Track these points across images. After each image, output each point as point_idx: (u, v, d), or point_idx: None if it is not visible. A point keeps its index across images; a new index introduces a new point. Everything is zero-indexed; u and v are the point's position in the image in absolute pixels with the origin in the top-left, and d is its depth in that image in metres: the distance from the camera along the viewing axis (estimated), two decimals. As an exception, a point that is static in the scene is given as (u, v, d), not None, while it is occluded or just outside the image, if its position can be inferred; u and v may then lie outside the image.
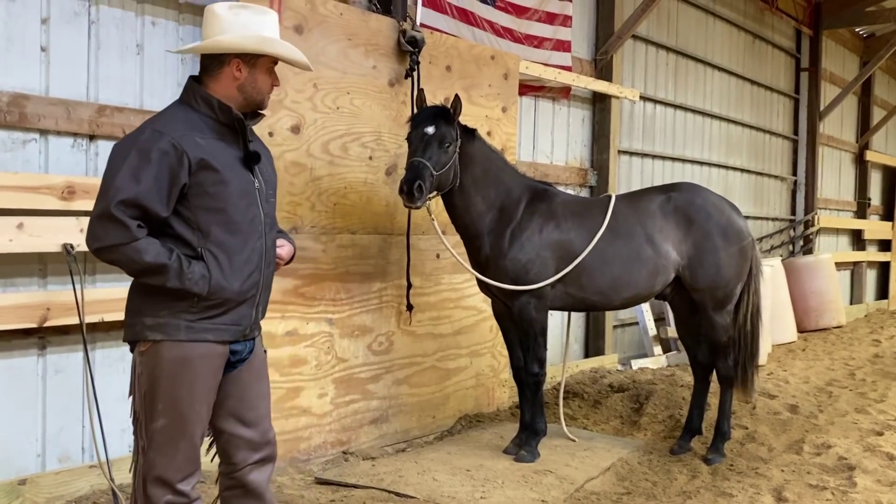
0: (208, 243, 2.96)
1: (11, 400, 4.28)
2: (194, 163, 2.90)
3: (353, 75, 5.56)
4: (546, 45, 7.75)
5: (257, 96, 3.11)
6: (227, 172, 2.98)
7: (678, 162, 10.40)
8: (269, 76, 3.12)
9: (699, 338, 5.90)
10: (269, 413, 3.30)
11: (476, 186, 5.24)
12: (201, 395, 3.01)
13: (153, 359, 2.97)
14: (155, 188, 2.84)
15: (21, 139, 4.23)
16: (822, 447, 5.90)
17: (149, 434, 2.98)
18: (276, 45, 3.09)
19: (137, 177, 2.82)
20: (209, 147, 2.96)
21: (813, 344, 10.92)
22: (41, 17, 4.30)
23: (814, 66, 13.54)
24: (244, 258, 3.02)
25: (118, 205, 2.79)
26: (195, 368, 2.97)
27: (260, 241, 3.08)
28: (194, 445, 3.04)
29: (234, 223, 2.99)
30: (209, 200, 2.95)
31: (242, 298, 3.04)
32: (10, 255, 4.15)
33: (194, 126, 2.97)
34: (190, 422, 2.99)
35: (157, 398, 2.97)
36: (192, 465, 3.04)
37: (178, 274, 2.88)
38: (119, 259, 2.87)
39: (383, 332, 5.88)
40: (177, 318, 2.95)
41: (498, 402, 6.88)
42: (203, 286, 2.92)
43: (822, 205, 14.19)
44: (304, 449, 5.35)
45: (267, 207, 3.14)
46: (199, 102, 3.04)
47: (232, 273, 2.98)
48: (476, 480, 4.99)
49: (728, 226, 5.65)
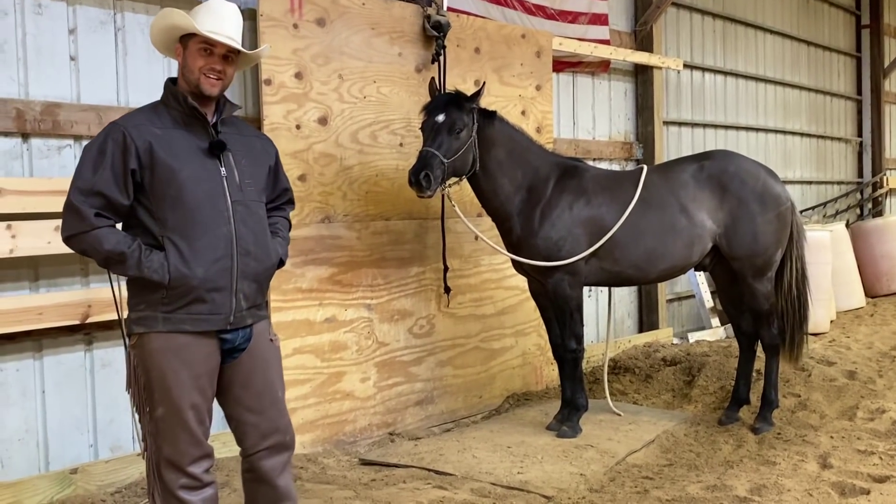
0: (167, 231, 3.05)
1: (63, 394, 4.51)
2: (142, 150, 3.02)
3: (379, 63, 5.64)
4: (581, 19, 7.69)
5: (189, 75, 3.16)
6: (181, 160, 3.07)
7: (731, 130, 10.19)
8: (199, 55, 3.14)
9: (741, 307, 5.82)
10: (278, 400, 3.33)
11: (501, 169, 5.27)
12: (189, 384, 3.08)
13: (141, 351, 3.09)
14: (111, 176, 3.00)
15: (56, 146, 4.45)
16: (877, 412, 5.78)
17: (153, 422, 3.10)
18: (181, 19, 3.12)
19: (95, 167, 3.01)
20: (165, 136, 3.08)
21: (882, 309, 10.59)
22: (69, 28, 4.49)
23: (875, 22, 13.06)
24: (206, 244, 3.07)
25: (76, 194, 2.99)
26: (179, 358, 3.06)
27: (226, 227, 3.11)
28: (192, 432, 3.10)
29: (191, 210, 3.06)
30: (163, 188, 3.05)
31: (212, 286, 3.08)
32: (52, 257, 4.37)
33: (156, 118, 3.11)
34: (182, 410, 3.07)
35: (153, 388, 3.08)
36: (197, 449, 3.11)
37: (137, 262, 3.00)
38: (84, 248, 3.05)
39: (424, 316, 5.96)
40: (154, 311, 3.06)
41: (547, 381, 6.90)
42: (162, 274, 3.00)
43: (892, 165, 13.71)
44: (350, 431, 5.48)
45: (239, 195, 3.17)
46: (169, 98, 3.18)
47: (194, 259, 3.04)
48: (515, 457, 5.04)
49: (764, 192, 5.55)
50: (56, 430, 4.48)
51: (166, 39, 3.24)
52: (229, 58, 3.20)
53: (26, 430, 4.39)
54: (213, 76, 3.16)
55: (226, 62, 3.19)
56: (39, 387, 4.42)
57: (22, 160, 4.34)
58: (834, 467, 4.77)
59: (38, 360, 4.42)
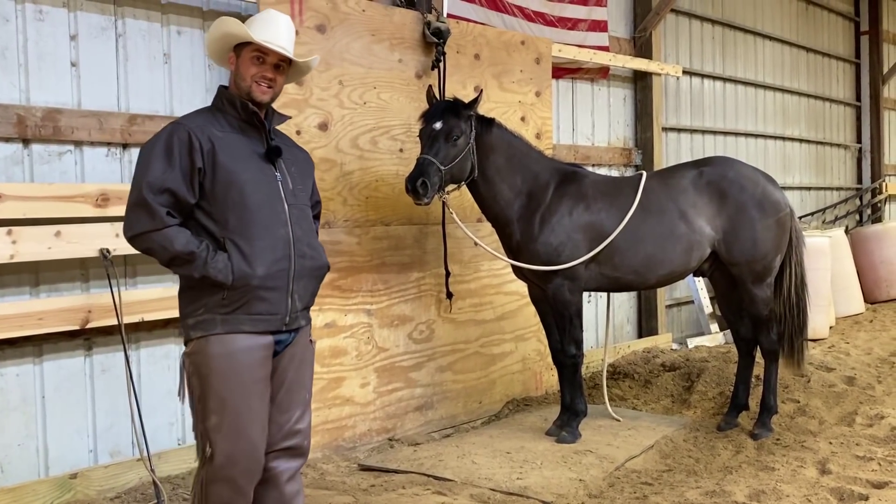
0: (228, 232, 3.10)
1: (63, 399, 4.52)
2: (206, 151, 3.07)
3: (379, 70, 5.66)
4: (581, 26, 7.72)
5: (242, 83, 3.24)
6: (242, 164, 3.14)
7: (730, 136, 10.22)
8: (252, 63, 3.23)
9: (741, 312, 5.84)
10: (305, 402, 3.36)
11: (500, 175, 5.29)
12: (249, 387, 3.09)
13: (199, 357, 3.09)
14: (180, 173, 3.03)
15: (57, 151, 4.46)
16: (875, 418, 5.78)
17: (206, 433, 3.08)
18: (232, 24, 3.19)
19: (163, 164, 3.03)
20: (226, 139, 3.14)
21: (881, 315, 10.60)
22: (70, 34, 4.51)
23: (874, 29, 13.11)
24: (266, 245, 3.13)
25: (148, 190, 2.99)
26: (239, 360, 3.08)
27: (284, 229, 3.18)
28: (251, 441, 3.08)
29: (252, 212, 3.12)
30: (224, 190, 3.10)
31: (271, 285, 3.13)
32: (52, 262, 4.39)
33: (215, 122, 3.17)
34: (242, 416, 3.06)
35: (209, 396, 3.07)
36: (252, 463, 3.09)
37: (203, 263, 3.03)
38: (152, 247, 3.05)
39: (423, 321, 5.97)
40: (213, 314, 3.09)
41: (547, 386, 6.91)
42: (226, 274, 3.04)
43: (891, 171, 13.74)
44: (349, 437, 5.49)
45: (293, 199, 3.26)
46: (224, 103, 3.24)
47: (255, 259, 3.09)
48: (515, 462, 5.05)
49: (763, 198, 5.56)
50: (56, 435, 4.49)
51: (220, 49, 3.31)
52: (280, 67, 3.28)
53: (26, 434, 4.39)
54: (265, 84, 3.23)
55: (277, 71, 3.27)
56: (39, 392, 4.43)
57: (23, 165, 4.36)
58: (833, 473, 4.77)
59: (38, 364, 4.43)
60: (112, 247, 4.39)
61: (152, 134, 4.64)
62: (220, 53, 3.34)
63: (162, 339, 4.89)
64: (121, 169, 4.70)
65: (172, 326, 4.90)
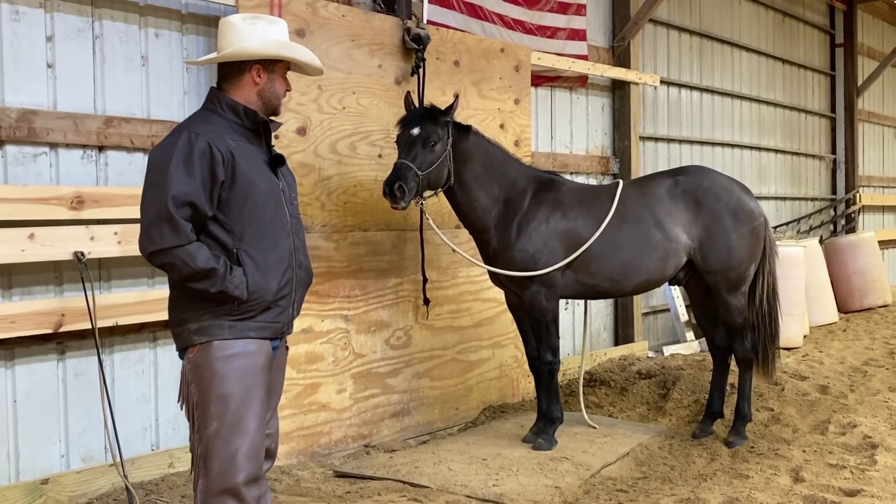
0: (243, 244, 3.08)
1: (35, 403, 4.46)
2: (227, 161, 3.03)
3: (359, 75, 5.66)
4: (560, 34, 7.75)
5: (275, 101, 3.26)
6: (255, 174, 3.11)
7: (707, 146, 10.30)
8: (284, 82, 3.29)
9: (715, 321, 5.88)
10: (276, 407, 3.36)
11: (477, 182, 5.30)
12: (252, 390, 3.06)
13: (202, 361, 3.05)
14: (202, 186, 2.98)
15: (31, 153, 4.41)
16: (848, 427, 5.83)
17: (205, 440, 3.03)
18: (295, 50, 3.27)
19: (185, 176, 2.95)
20: (239, 149, 3.10)
21: (854, 324, 10.72)
22: (46, 35, 4.47)
23: (849, 41, 13.26)
24: (277, 257, 3.13)
25: (173, 204, 2.91)
26: (243, 364, 3.06)
27: (288, 240, 3.20)
28: (252, 444, 3.04)
29: (265, 223, 3.11)
30: (241, 201, 3.07)
31: (281, 296, 3.15)
32: (25, 265, 4.34)
33: (225, 129, 3.12)
34: (244, 418, 3.03)
35: (210, 400, 3.03)
36: (253, 466, 3.05)
37: (222, 279, 2.99)
38: (173, 262, 2.96)
39: (401, 327, 5.96)
40: (219, 320, 3.06)
41: (523, 393, 6.91)
42: (242, 290, 3.03)
43: (864, 182, 13.90)
44: (325, 443, 5.46)
45: (291, 209, 3.26)
46: (224, 109, 3.17)
47: (268, 272, 3.09)
48: (491, 469, 5.05)
49: (738, 207, 5.61)
50: (27, 440, 4.43)
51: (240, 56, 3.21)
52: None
53: (-3, 439, 4.34)
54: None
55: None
56: (11, 396, 4.38)
57: (-4, 167, 4.31)
58: (806, 481, 4.81)
59: (9, 368, 4.37)
60: (87, 250, 4.36)
61: (128, 136, 4.69)
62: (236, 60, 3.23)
63: (136, 343, 4.84)
64: (96, 171, 4.65)
65: (147, 331, 4.86)
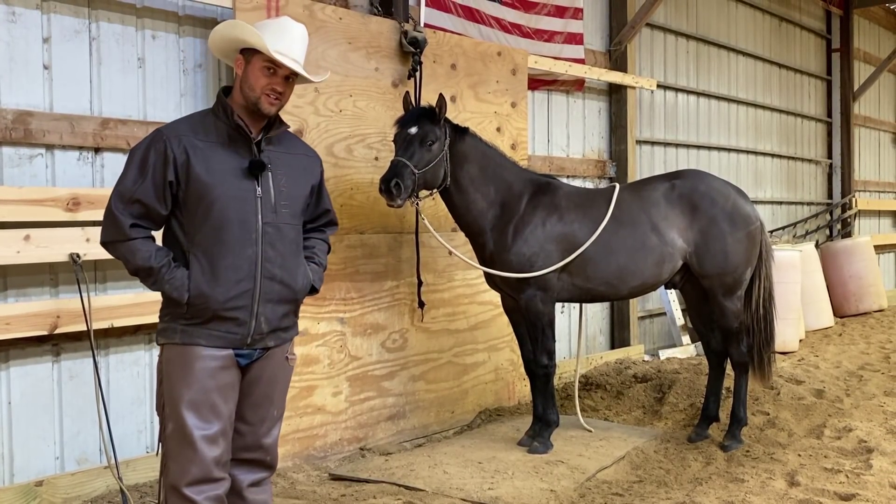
0: (194, 246, 3.07)
1: (29, 405, 4.45)
2: (180, 163, 3.03)
3: (356, 78, 5.66)
4: (557, 38, 7.77)
5: (250, 92, 3.14)
6: (216, 177, 3.05)
7: (703, 149, 10.31)
8: (262, 74, 3.13)
9: (711, 325, 5.89)
10: (271, 419, 3.29)
11: (474, 184, 5.30)
12: (198, 397, 3.02)
13: (161, 362, 3.12)
14: (151, 185, 3.01)
15: (28, 154, 4.41)
16: (844, 431, 5.84)
17: (165, 440, 3.08)
18: (251, 36, 3.09)
19: (137, 175, 3.02)
20: (206, 150, 3.06)
21: (850, 329, 10.74)
22: (43, 37, 4.46)
23: (845, 46, 13.28)
24: (228, 264, 3.05)
25: (116, 201, 3.01)
26: (189, 370, 3.04)
27: (252, 249, 3.09)
28: (199, 451, 3.01)
29: (218, 228, 3.05)
30: (195, 203, 3.05)
31: (232, 306, 3.06)
32: (21, 266, 4.33)
33: (201, 130, 3.09)
34: (187, 423, 3.00)
35: (165, 401, 3.07)
36: (199, 470, 3.01)
37: (161, 278, 3.02)
38: (119, 256, 3.09)
39: (397, 330, 5.96)
40: (175, 323, 3.08)
41: (519, 396, 6.91)
42: (181, 292, 3.02)
43: (860, 187, 13.93)
44: (320, 446, 5.45)
45: (272, 217, 3.14)
46: (219, 109, 3.18)
47: (214, 279, 3.03)
48: (486, 472, 5.04)
49: (734, 211, 5.62)
50: (22, 442, 4.42)
51: (227, 49, 3.24)
52: (290, 79, 3.19)
53: (-9, 441, 4.33)
54: (273, 96, 3.15)
55: (286, 83, 3.18)
56: (5, 398, 4.37)
57: (-8, 168, 4.30)
58: (801, 485, 4.81)
59: (4, 370, 4.36)
60: (82, 252, 4.35)
61: (125, 138, 4.70)
62: (225, 52, 3.28)
63: (131, 345, 4.83)
64: (92, 173, 4.65)
65: (142, 333, 4.85)
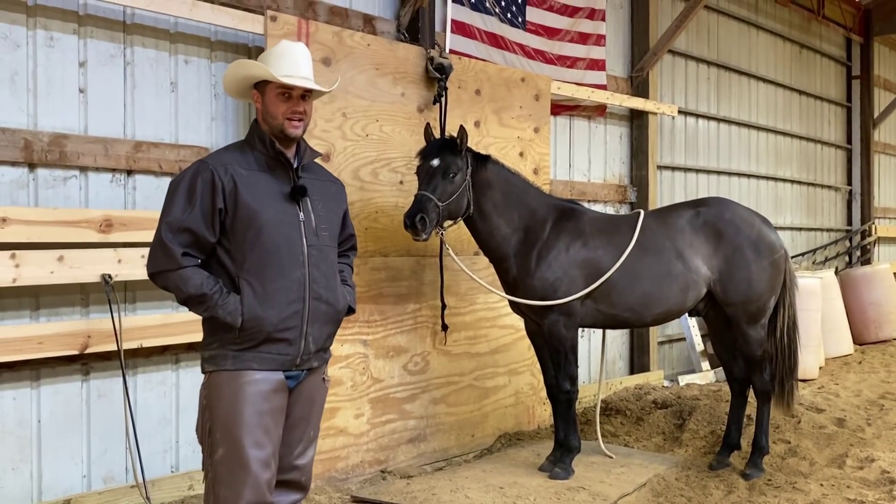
0: (244, 272, 3.14)
1: (58, 424, 4.51)
2: (228, 191, 3.11)
3: (382, 103, 5.73)
4: (580, 64, 7.83)
5: (273, 121, 3.25)
6: (263, 203, 3.15)
7: (724, 175, 10.33)
8: (279, 100, 3.24)
9: (734, 352, 5.88)
10: (308, 440, 3.36)
11: (497, 211, 5.33)
12: (252, 420, 3.09)
13: (210, 389, 3.15)
14: (200, 214, 3.08)
15: (62, 176, 4.49)
16: (866, 461, 5.81)
17: (213, 466, 3.10)
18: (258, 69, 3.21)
19: (185, 204, 3.08)
20: (250, 178, 3.16)
21: (870, 356, 10.67)
22: (79, 61, 4.56)
23: (865, 74, 13.31)
24: (279, 287, 3.14)
25: (166, 231, 3.06)
26: (243, 394, 3.09)
27: (301, 271, 3.19)
28: (253, 475, 3.06)
29: (269, 253, 3.14)
30: (244, 229, 3.13)
31: (284, 327, 3.14)
32: (53, 286, 4.40)
33: (242, 160, 3.20)
34: (244, 447, 3.06)
35: (216, 427, 3.11)
36: (253, 494, 3.07)
37: (214, 305, 3.07)
38: (168, 285, 3.12)
39: (419, 353, 5.99)
40: (225, 349, 3.13)
41: (539, 420, 6.92)
42: (235, 317, 3.08)
43: (880, 214, 13.90)
44: (342, 468, 5.48)
45: (314, 240, 3.26)
46: (255, 140, 3.28)
47: (267, 301, 3.11)
48: (508, 498, 5.04)
49: (759, 239, 5.63)
50: (50, 460, 4.47)
51: (240, 88, 3.35)
52: (306, 97, 3.30)
53: (20, 458, 4.38)
54: (296, 118, 3.25)
55: (304, 101, 3.29)
56: (35, 416, 4.42)
57: (28, 190, 4.38)
58: (824, 515, 4.80)
59: (35, 389, 4.42)
60: (114, 272, 4.42)
61: (157, 161, 4.77)
62: (240, 92, 3.38)
63: (159, 365, 4.89)
64: (125, 195, 4.72)
65: (170, 353, 4.91)
